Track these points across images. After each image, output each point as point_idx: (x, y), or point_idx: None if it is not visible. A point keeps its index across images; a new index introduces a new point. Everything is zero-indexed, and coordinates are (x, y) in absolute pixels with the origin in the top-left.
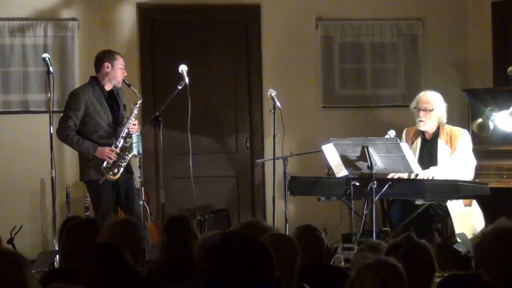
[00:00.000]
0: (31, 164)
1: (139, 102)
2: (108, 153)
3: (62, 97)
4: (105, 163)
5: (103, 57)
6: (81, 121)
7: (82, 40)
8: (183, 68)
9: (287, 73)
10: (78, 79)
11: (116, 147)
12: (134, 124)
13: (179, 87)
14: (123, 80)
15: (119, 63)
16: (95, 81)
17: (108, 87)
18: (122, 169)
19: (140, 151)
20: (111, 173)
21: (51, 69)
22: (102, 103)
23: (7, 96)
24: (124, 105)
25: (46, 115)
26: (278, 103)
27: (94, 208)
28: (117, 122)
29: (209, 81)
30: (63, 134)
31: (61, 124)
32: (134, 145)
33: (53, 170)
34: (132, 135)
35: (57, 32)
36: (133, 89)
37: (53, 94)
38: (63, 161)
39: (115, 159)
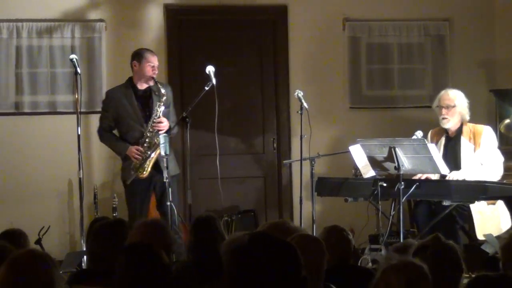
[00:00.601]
0: (59, 165)
1: (163, 99)
2: (134, 152)
3: (90, 98)
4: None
5: (133, 56)
6: (116, 121)
7: (110, 41)
8: (210, 69)
9: (314, 74)
10: (105, 80)
11: (142, 146)
12: (159, 122)
13: (206, 88)
14: (152, 78)
15: (147, 60)
16: (130, 81)
17: (141, 86)
18: (148, 168)
19: (168, 152)
20: (138, 172)
21: (78, 70)
22: (132, 103)
23: (35, 97)
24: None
25: (74, 116)
26: (305, 104)
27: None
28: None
29: (236, 82)
30: (98, 135)
31: (98, 126)
32: (162, 146)
33: (81, 171)
34: (160, 136)
35: (85, 33)
36: (159, 86)
37: (81, 95)
38: (90, 162)
39: (141, 158)
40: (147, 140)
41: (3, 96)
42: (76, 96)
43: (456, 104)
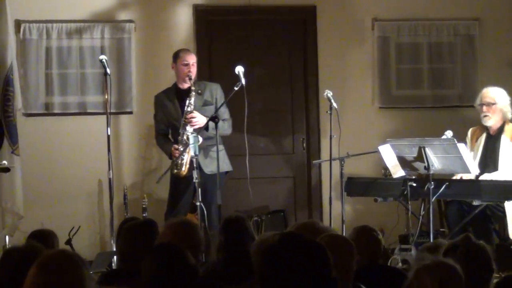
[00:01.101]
0: (89, 165)
1: (193, 94)
2: (173, 151)
3: (119, 98)
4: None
5: (172, 58)
6: (167, 124)
7: (139, 42)
8: (239, 69)
9: (344, 74)
10: (134, 80)
11: (180, 143)
12: (191, 117)
13: (236, 88)
14: (188, 76)
15: (182, 60)
16: (175, 84)
17: (182, 86)
18: (186, 165)
19: (197, 153)
20: (176, 169)
21: (108, 70)
22: (174, 103)
23: (65, 98)
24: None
25: (104, 117)
26: (334, 104)
27: None
28: None
29: (266, 82)
30: (156, 141)
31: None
32: (191, 146)
33: (111, 171)
34: (189, 136)
35: (114, 34)
36: (191, 82)
37: (110, 96)
38: (120, 162)
39: (178, 155)
40: (181, 137)
41: (34, 97)
42: (106, 97)
43: (496, 102)
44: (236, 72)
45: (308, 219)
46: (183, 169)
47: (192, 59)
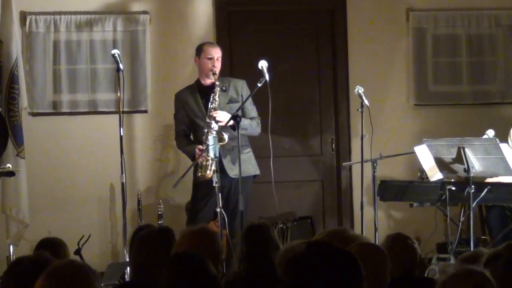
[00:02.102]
0: (100, 168)
1: (217, 90)
2: (197, 152)
3: (133, 96)
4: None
5: (195, 52)
6: (188, 124)
7: (154, 35)
8: (263, 64)
9: (376, 69)
10: (150, 76)
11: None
12: (216, 113)
13: (259, 85)
14: (211, 71)
15: (205, 53)
16: (197, 80)
17: (204, 82)
18: (212, 167)
19: (217, 154)
20: (201, 172)
21: (121, 66)
22: (197, 101)
23: (74, 96)
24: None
25: (116, 116)
26: (366, 101)
27: None
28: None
29: (291, 78)
30: (176, 143)
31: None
32: (210, 147)
33: (124, 175)
34: (209, 137)
35: (128, 27)
36: (215, 78)
37: (123, 93)
38: (134, 165)
39: (201, 157)
40: (205, 137)
41: (40, 95)
42: (118, 94)
43: None
44: (260, 67)
45: (337, 226)
46: (208, 172)
47: (217, 53)
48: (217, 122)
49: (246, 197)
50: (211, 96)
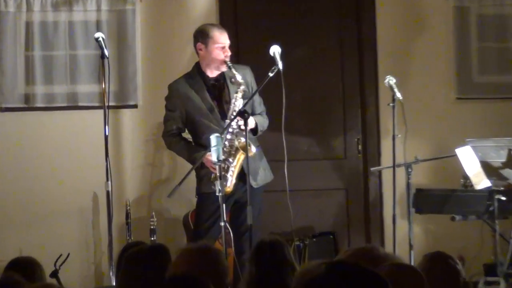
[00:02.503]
0: (81, 174)
1: (241, 88)
2: (206, 161)
3: (120, 88)
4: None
5: (196, 36)
6: (186, 122)
7: (146, 15)
8: (275, 49)
9: (410, 56)
10: (140, 64)
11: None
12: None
13: (271, 74)
14: (225, 62)
15: (215, 41)
16: (197, 68)
17: (211, 73)
18: (233, 179)
19: (220, 158)
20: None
21: (106, 52)
22: (204, 97)
23: (50, 88)
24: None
25: (100, 112)
26: (398, 94)
27: None
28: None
29: (309, 67)
30: (165, 142)
31: (163, 129)
32: (213, 149)
33: (109, 182)
34: (211, 137)
35: (114, 5)
36: (234, 72)
37: (109, 85)
38: (122, 171)
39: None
40: (226, 143)
41: (9, 87)
42: (103, 86)
43: None
44: (271, 54)
45: (365, 243)
46: (230, 185)
47: (227, 40)
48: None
49: (258, 207)
50: (234, 96)
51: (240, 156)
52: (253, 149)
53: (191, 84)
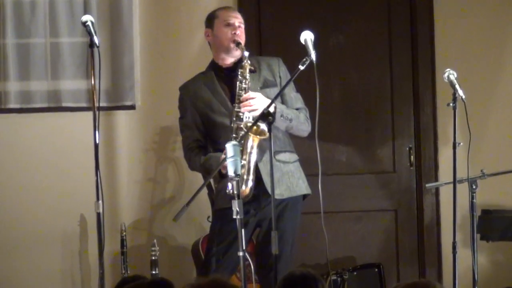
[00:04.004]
0: (65, 191)
1: (246, 66)
2: (221, 157)
3: (114, 84)
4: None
5: (205, 25)
6: (202, 127)
7: None
8: (307, 36)
9: (474, 44)
10: (139, 55)
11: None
12: (247, 99)
13: (302, 67)
14: (234, 41)
15: (221, 20)
16: (211, 62)
17: (224, 62)
18: (249, 180)
19: (238, 172)
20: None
21: (96, 40)
22: (214, 89)
23: (26, 85)
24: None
25: (89, 114)
26: (460, 92)
27: None
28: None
29: (350, 58)
30: (185, 157)
31: (182, 146)
32: (230, 161)
33: (100, 202)
34: (226, 145)
35: None
36: (241, 48)
37: (100, 81)
38: (116, 188)
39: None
40: (234, 135)
41: None
42: (92, 83)
43: None
44: (303, 42)
45: (418, 277)
46: (246, 188)
47: (237, 18)
48: (249, 109)
49: (293, 230)
50: (239, 76)
51: (254, 142)
52: (265, 128)
53: (204, 79)
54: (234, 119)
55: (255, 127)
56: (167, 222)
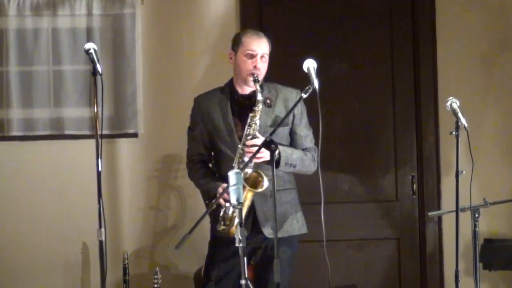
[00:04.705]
0: (67, 220)
1: (259, 104)
2: (219, 192)
3: (117, 112)
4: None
5: (231, 44)
6: (209, 145)
7: (149, 22)
8: (310, 65)
9: (478, 72)
10: (141, 83)
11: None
12: (252, 145)
13: (304, 95)
14: (252, 75)
15: (245, 48)
16: (229, 82)
17: (241, 89)
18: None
19: (241, 200)
20: (222, 225)
21: (98, 68)
22: (225, 116)
23: (29, 112)
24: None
25: (91, 142)
26: (463, 120)
27: None
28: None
29: (352, 87)
30: (187, 166)
31: (186, 154)
32: (232, 189)
33: (103, 229)
34: (229, 173)
35: (108, 9)
36: (257, 86)
37: (102, 108)
38: (118, 216)
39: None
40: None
41: None
42: (95, 110)
43: None
44: (305, 70)
45: None
46: (234, 226)
47: (262, 48)
48: (254, 157)
49: (289, 263)
50: (250, 116)
51: (247, 194)
52: (265, 183)
53: (220, 98)
54: (238, 160)
55: (255, 175)
56: (169, 250)
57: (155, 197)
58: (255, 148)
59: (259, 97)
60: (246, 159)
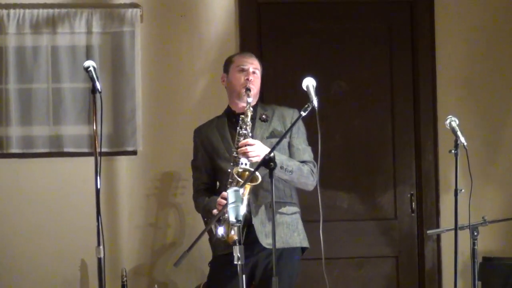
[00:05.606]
0: (66, 237)
1: (248, 112)
2: (218, 205)
3: (116, 130)
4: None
5: (223, 68)
6: (212, 169)
7: (148, 39)
8: (309, 82)
9: (478, 90)
10: (141, 101)
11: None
12: (245, 144)
13: (303, 114)
14: (245, 87)
15: (236, 64)
16: (227, 108)
17: (237, 106)
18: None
19: (239, 218)
20: (220, 234)
21: (98, 85)
22: (223, 135)
23: (28, 130)
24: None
25: (90, 160)
26: (462, 139)
27: None
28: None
29: (351, 105)
30: (193, 198)
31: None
32: (230, 207)
33: (101, 247)
34: (228, 191)
35: (108, 27)
36: (248, 100)
37: (101, 126)
38: (117, 233)
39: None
40: (230, 180)
41: None
42: (94, 128)
43: None
44: (304, 88)
45: None
46: (233, 232)
47: (252, 64)
48: (247, 156)
49: (289, 280)
50: (241, 117)
51: (245, 189)
52: (259, 176)
53: (217, 123)
54: (232, 164)
55: (247, 173)
56: (168, 268)
57: (154, 214)
58: (250, 147)
59: (249, 100)
60: (242, 159)
